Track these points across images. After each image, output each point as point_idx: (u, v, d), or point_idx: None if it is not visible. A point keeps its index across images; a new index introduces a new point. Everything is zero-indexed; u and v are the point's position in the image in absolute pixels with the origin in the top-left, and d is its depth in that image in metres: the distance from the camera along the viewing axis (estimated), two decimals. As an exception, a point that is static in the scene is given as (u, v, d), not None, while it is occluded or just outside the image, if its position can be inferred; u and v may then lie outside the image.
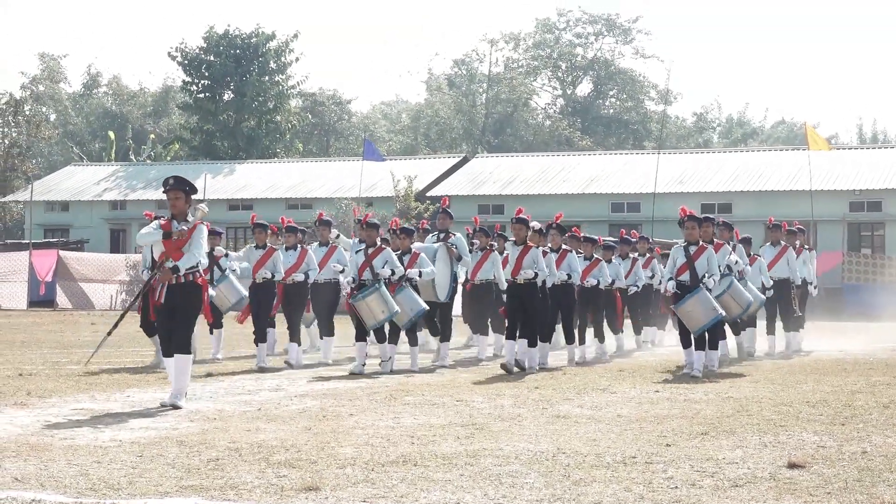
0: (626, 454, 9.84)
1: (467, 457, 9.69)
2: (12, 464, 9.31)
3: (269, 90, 70.85)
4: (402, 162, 59.18)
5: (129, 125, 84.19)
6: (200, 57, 70.39)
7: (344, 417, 12.31)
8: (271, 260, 19.02)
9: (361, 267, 18.13)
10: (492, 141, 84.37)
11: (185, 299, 13.37)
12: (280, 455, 9.77)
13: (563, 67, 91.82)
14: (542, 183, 53.70)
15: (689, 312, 17.36)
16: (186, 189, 13.66)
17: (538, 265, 18.11)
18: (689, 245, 17.72)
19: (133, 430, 11.34)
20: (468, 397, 14.23)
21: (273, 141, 72.33)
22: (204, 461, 9.47)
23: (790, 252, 22.83)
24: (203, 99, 70.74)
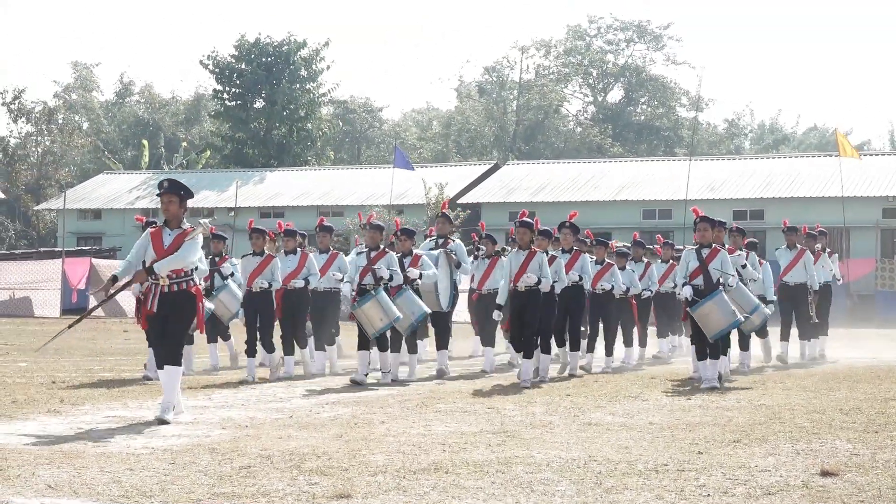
0: (657, 462, 9.80)
1: (499, 464, 9.67)
2: (45, 471, 9.34)
3: (301, 98, 70.98)
4: (433, 169, 59.25)
5: (162, 133, 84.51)
6: (232, 65, 70.61)
7: (375, 425, 12.31)
8: (269, 268, 18.09)
9: (363, 271, 17.50)
10: (523, 148, 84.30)
11: (177, 308, 12.79)
12: (311, 462, 9.77)
13: (594, 74, 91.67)
14: (574, 190, 53.64)
15: (707, 315, 16.59)
16: (181, 193, 13.06)
17: (543, 271, 17.15)
18: (702, 247, 17.02)
19: (165, 437, 11.36)
20: (500, 405, 14.21)
21: (304, 149, 72.46)
22: (236, 468, 9.48)
23: (807, 256, 22.06)
24: (234, 107, 70.94)
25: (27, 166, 57.60)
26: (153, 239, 12.86)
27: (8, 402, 14.11)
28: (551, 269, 17.52)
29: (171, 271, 12.67)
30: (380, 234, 17.74)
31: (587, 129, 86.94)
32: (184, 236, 12.77)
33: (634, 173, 54.95)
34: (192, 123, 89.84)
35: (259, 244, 18.26)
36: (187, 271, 12.83)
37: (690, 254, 17.12)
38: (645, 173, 54.68)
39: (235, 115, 70.64)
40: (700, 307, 16.59)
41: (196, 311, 12.99)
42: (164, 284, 12.70)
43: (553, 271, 17.56)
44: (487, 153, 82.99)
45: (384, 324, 17.23)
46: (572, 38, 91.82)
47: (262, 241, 18.32)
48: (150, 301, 12.76)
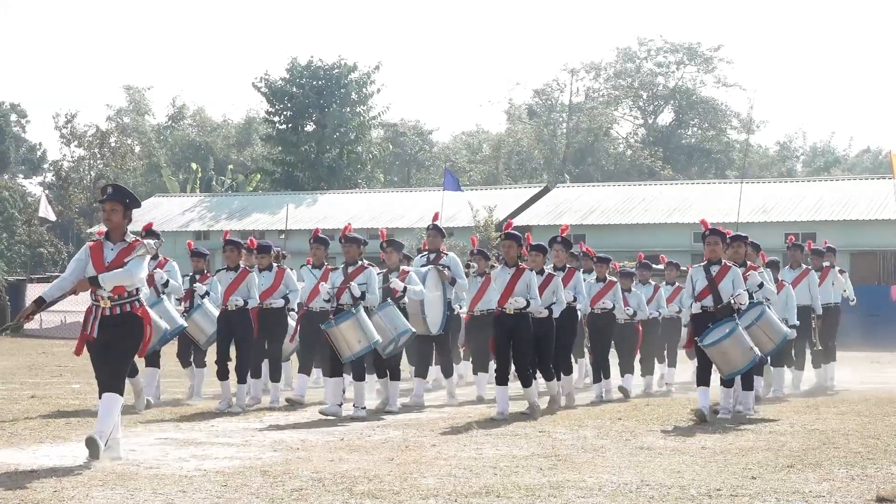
0: (710, 487, 9.75)
1: (550, 488, 9.65)
2: (99, 493, 9.40)
3: (351, 121, 71.13)
4: (483, 192, 59.22)
5: (213, 156, 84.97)
6: (283, 88, 70.87)
7: (426, 448, 12.30)
8: (244, 283, 16.54)
9: (340, 288, 15.74)
10: (572, 171, 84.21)
11: (121, 333, 11.36)
12: (363, 485, 9.78)
13: (644, 97, 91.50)
14: (624, 213, 53.48)
15: (724, 354, 14.86)
16: (126, 201, 11.54)
17: (531, 292, 15.38)
18: (711, 264, 15.23)
19: (217, 459, 11.41)
20: (550, 428, 14.18)
21: (354, 171, 72.58)
22: (288, 491, 9.50)
23: (812, 276, 20.29)
24: (285, 130, 71.17)
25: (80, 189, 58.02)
26: (93, 253, 11.44)
27: (62, 424, 14.21)
28: (549, 288, 16.18)
29: (113, 292, 11.24)
30: (357, 247, 16.01)
31: (637, 151, 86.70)
32: (128, 251, 11.36)
33: (685, 196, 54.75)
34: (244, 146, 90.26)
35: (233, 258, 16.79)
36: (132, 292, 11.40)
37: (698, 271, 15.33)
38: (696, 196, 54.46)
39: (286, 138, 70.87)
40: (716, 344, 14.81)
41: (143, 335, 11.50)
42: (106, 307, 11.34)
43: (550, 291, 16.19)
44: (537, 176, 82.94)
45: (362, 346, 15.39)
46: (622, 60, 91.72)
47: (237, 254, 16.88)
48: (91, 324, 11.39)
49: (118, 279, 11.23)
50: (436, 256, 18.04)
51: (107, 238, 11.52)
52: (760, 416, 15.49)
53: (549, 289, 16.20)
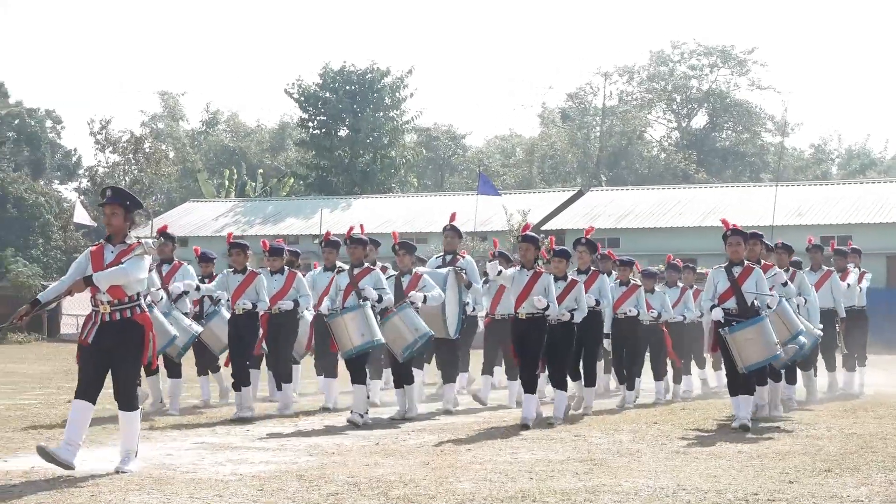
0: (747, 491, 9.71)
1: (586, 493, 9.63)
2: (136, 497, 9.43)
3: (384, 125, 71.21)
4: (517, 196, 59.19)
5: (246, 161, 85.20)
6: (316, 93, 71.02)
7: (461, 452, 12.29)
8: (252, 287, 16.07)
9: (346, 291, 15.34)
10: (606, 174, 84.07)
11: (122, 342, 10.92)
12: (398, 490, 9.77)
13: (678, 100, 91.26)
14: (658, 216, 53.37)
15: (746, 342, 14.28)
16: (127, 204, 11.21)
17: (549, 295, 14.77)
18: (733, 265, 14.70)
19: (253, 464, 11.42)
20: (586, 432, 14.15)
21: (388, 176, 72.67)
22: (324, 495, 9.51)
23: (834, 278, 19.48)
24: (319, 135, 71.33)
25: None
26: (93, 257, 11.07)
27: (98, 429, 14.24)
28: (571, 294, 15.47)
29: (112, 297, 10.81)
30: (363, 249, 15.60)
31: (671, 154, 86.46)
32: (127, 253, 10.97)
33: (719, 199, 54.57)
34: (277, 151, 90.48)
35: (240, 261, 16.28)
36: (132, 297, 10.96)
37: (719, 273, 14.77)
38: (730, 199, 54.26)
39: (320, 142, 71.03)
40: (739, 331, 14.31)
41: (144, 342, 11.04)
42: (105, 312, 10.90)
43: (572, 298, 15.46)
44: (571, 179, 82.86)
45: (364, 341, 14.93)
46: (655, 63, 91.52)
47: (244, 257, 16.33)
48: (87, 331, 10.95)
49: (113, 278, 10.78)
50: (452, 258, 17.51)
51: (108, 241, 11.20)
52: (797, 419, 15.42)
53: (570, 295, 15.51)
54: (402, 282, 16.11)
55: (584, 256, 17.00)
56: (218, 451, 12.42)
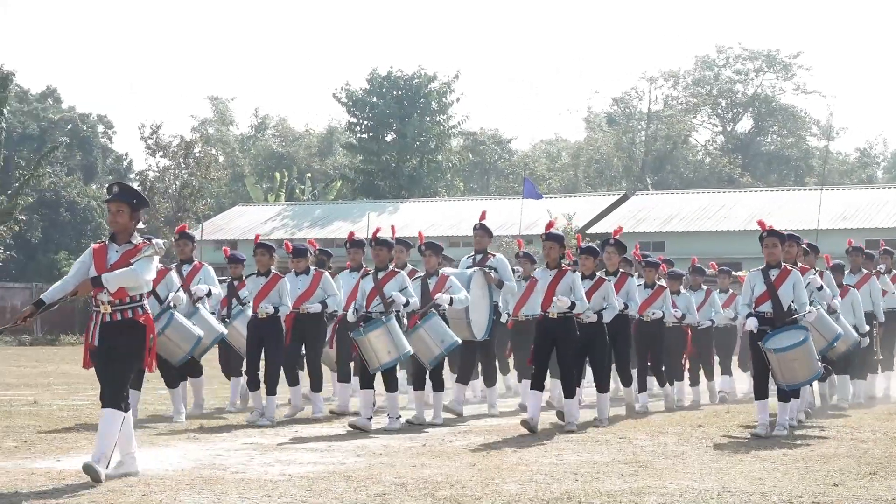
0: (792, 493, 9.66)
1: (631, 494, 9.61)
2: (187, 496, 9.48)
3: (431, 130, 71.30)
4: (562, 199, 59.19)
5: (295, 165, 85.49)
6: (364, 98, 71.21)
7: (507, 454, 12.29)
8: (276, 290, 15.46)
9: (370, 295, 14.75)
10: (651, 178, 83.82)
11: (120, 342, 10.35)
12: (445, 491, 9.78)
13: (723, 104, 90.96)
14: (703, 220, 53.22)
15: (792, 362, 13.56)
16: (133, 202, 10.64)
17: (576, 294, 14.23)
18: (770, 268, 13.97)
19: (302, 464, 11.46)
20: (631, 435, 14.11)
21: (434, 180, 72.78)
22: (371, 496, 9.52)
23: (873, 281, 18.79)
24: (366, 139, 71.54)
25: (165, 199, 58.42)
26: (96, 256, 10.50)
27: (149, 430, 14.35)
28: (598, 293, 14.97)
29: (114, 297, 10.26)
30: (388, 251, 15.07)
31: (716, 159, 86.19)
32: (134, 253, 10.40)
33: (764, 203, 54.33)
34: (326, 155, 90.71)
35: (264, 262, 15.70)
36: (134, 297, 10.39)
37: (756, 276, 14.03)
38: (775, 203, 54.04)
39: (367, 147, 71.22)
40: (786, 351, 13.51)
41: (144, 344, 10.47)
42: (106, 312, 10.36)
43: (600, 296, 14.98)
44: (616, 183, 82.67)
45: (391, 358, 14.42)
46: (701, 68, 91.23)
47: (269, 258, 15.75)
48: (91, 332, 10.46)
49: (123, 279, 10.22)
50: (482, 257, 16.89)
51: (112, 240, 10.64)
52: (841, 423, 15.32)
53: (598, 293, 14.99)
54: (429, 283, 15.60)
55: (613, 258, 16.35)
56: (267, 451, 12.47)
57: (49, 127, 72.54)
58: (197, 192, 59.66)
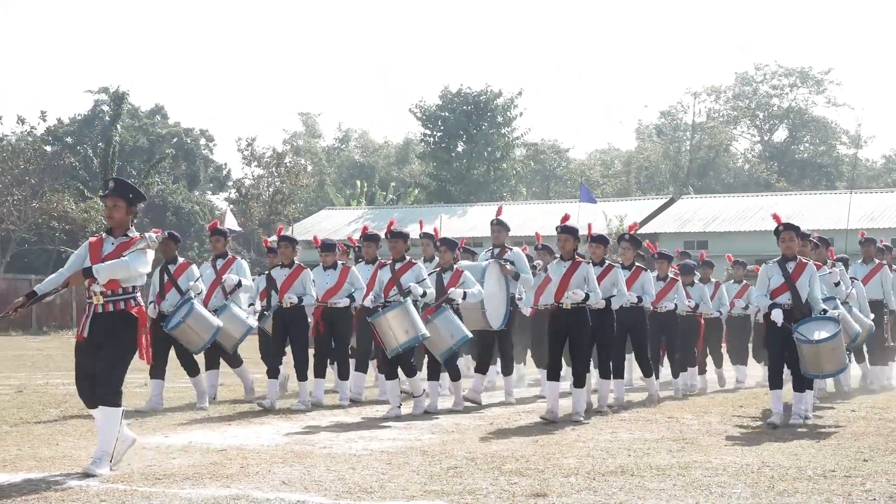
0: (825, 468, 9.56)
1: (679, 468, 9.54)
2: (280, 469, 9.52)
3: (497, 141, 71.32)
4: (615, 203, 58.92)
5: (376, 173, 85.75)
6: (437, 113, 71.38)
7: (567, 431, 12.24)
8: (299, 280, 14.60)
9: (388, 284, 13.86)
10: (696, 183, 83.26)
11: (112, 334, 9.34)
12: (511, 464, 9.76)
13: (761, 116, 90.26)
14: (742, 221, 52.78)
15: (822, 355, 12.36)
16: (129, 196, 9.67)
17: (589, 285, 13.20)
18: (787, 260, 12.81)
19: (382, 440, 11.47)
20: (678, 415, 14.01)
21: (500, 186, 72.76)
22: (444, 469, 9.52)
23: (885, 271, 17.80)
24: (438, 150, 71.70)
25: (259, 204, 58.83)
26: (91, 249, 9.60)
27: (246, 409, 14.44)
28: (608, 280, 13.88)
29: (106, 287, 9.26)
30: (404, 242, 14.08)
31: (754, 166, 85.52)
32: (128, 245, 9.49)
33: (799, 205, 53.83)
34: (402, 164, 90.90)
35: (287, 255, 14.81)
36: (127, 289, 9.40)
37: (773, 268, 12.83)
38: (808, 205, 53.54)
39: (440, 156, 71.39)
40: (821, 344, 12.28)
41: (136, 336, 9.45)
42: (98, 303, 9.36)
43: (610, 283, 13.90)
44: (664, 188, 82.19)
45: (409, 338, 13.34)
46: (740, 84, 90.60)
47: (292, 251, 14.85)
48: (83, 324, 9.46)
49: (113, 270, 9.27)
50: (500, 251, 15.94)
51: (109, 232, 9.69)
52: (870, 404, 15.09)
53: (607, 279, 13.90)
54: (444, 277, 14.61)
55: (628, 252, 15.47)
56: (351, 429, 12.48)
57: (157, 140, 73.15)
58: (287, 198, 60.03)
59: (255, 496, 8.24)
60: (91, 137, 65.83)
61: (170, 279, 14.89)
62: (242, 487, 8.60)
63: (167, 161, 66.87)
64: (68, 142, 62.58)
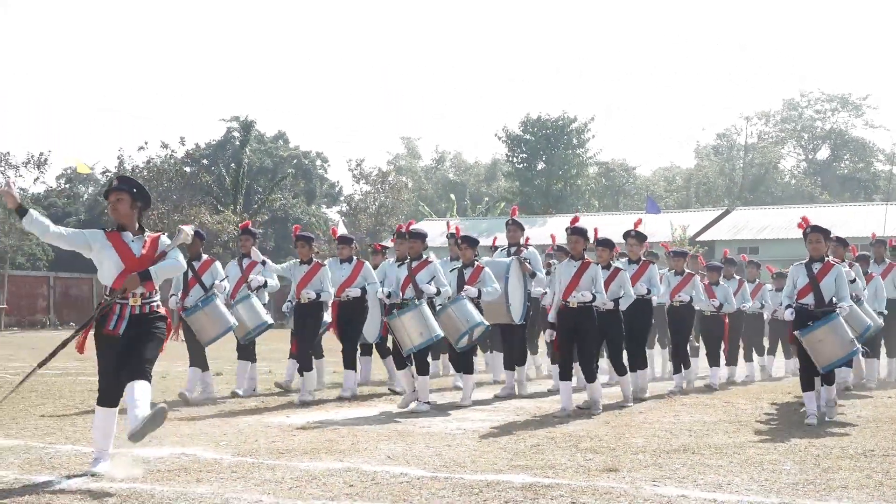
0: (866, 448, 9.38)
1: (735, 447, 9.43)
2: (385, 445, 9.55)
3: (572, 160, 71.10)
4: (677, 214, 58.34)
5: (467, 189, 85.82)
6: (520, 137, 71.35)
7: (635, 414, 12.14)
8: (318, 277, 13.57)
9: (404, 282, 12.72)
10: (748, 196, 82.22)
11: (149, 328, 8.16)
12: (586, 443, 9.71)
13: (806, 137, 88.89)
14: (790, 230, 51.85)
15: (820, 343, 11.10)
16: (133, 191, 8.25)
17: (596, 285, 12.09)
18: (813, 262, 11.57)
19: (473, 421, 11.46)
20: (733, 400, 13.85)
21: (576, 199, 72.49)
22: (528, 446, 9.49)
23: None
24: (522, 168, 71.68)
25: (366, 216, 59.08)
26: (113, 242, 8.19)
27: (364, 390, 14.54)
28: (615, 282, 12.83)
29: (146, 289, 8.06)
30: (421, 242, 12.90)
31: (800, 181, 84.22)
32: (155, 243, 8.31)
33: (840, 215, 52.89)
34: (490, 181, 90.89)
35: (305, 252, 13.76)
36: (154, 290, 8.28)
37: (799, 269, 11.61)
38: (849, 216, 52.57)
39: (523, 174, 71.35)
40: (811, 332, 11.13)
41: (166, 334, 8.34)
42: (136, 305, 8.13)
43: (617, 285, 12.87)
44: (720, 201, 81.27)
45: (423, 339, 12.25)
46: (787, 109, 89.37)
47: (309, 248, 13.80)
48: (116, 322, 8.06)
49: (168, 271, 8.29)
50: (516, 249, 14.93)
51: (120, 230, 8.28)
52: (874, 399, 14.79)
53: (615, 283, 12.92)
54: (465, 273, 13.62)
55: (635, 248, 14.26)
56: (444, 412, 12.49)
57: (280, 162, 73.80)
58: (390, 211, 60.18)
59: (364, 469, 8.27)
60: (224, 159, 66.56)
61: (194, 275, 13.72)
62: (353, 461, 8.64)
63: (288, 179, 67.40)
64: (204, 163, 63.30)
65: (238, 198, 54.81)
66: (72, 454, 9.08)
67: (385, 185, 62.39)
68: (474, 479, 7.82)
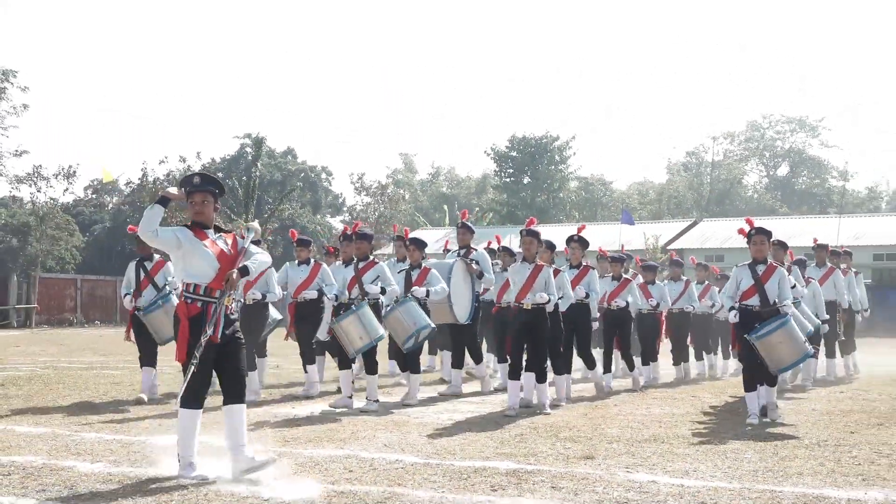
0: (819, 438, 9.39)
1: (701, 437, 9.43)
2: (382, 434, 9.54)
3: (555, 175, 71.23)
4: (650, 224, 58.39)
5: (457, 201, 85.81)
6: (506, 153, 71.52)
7: (610, 407, 12.13)
8: (319, 277, 13.18)
9: (350, 283, 11.86)
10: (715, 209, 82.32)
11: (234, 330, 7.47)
12: (565, 433, 9.70)
13: (767, 155, 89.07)
14: (752, 239, 52.13)
15: (776, 346, 10.34)
16: (217, 192, 7.46)
17: (549, 287, 11.32)
18: (757, 263, 10.88)
19: (462, 413, 11.44)
20: (700, 394, 13.84)
21: (557, 211, 72.59)
22: (513, 436, 9.49)
23: (837, 274, 16.25)
24: (509, 182, 71.83)
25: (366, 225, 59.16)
26: (204, 240, 7.41)
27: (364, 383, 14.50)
28: (556, 283, 11.63)
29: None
30: (367, 244, 12.03)
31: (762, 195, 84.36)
32: (235, 241, 7.59)
33: (797, 227, 52.87)
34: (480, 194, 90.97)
35: (303, 255, 13.27)
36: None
37: (743, 270, 10.88)
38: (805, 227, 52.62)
39: (509, 187, 71.51)
40: (768, 336, 10.35)
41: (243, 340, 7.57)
42: (230, 305, 7.42)
43: (557, 286, 11.68)
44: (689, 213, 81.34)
45: (364, 343, 11.46)
46: (750, 129, 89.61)
47: (307, 250, 13.33)
48: (215, 326, 7.25)
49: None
50: (465, 252, 14.17)
51: (202, 228, 7.45)
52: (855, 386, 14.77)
53: (556, 283, 11.70)
54: (412, 275, 12.82)
55: (577, 253, 13.51)
56: (436, 403, 12.48)
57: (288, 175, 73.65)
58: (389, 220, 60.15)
59: (362, 456, 8.26)
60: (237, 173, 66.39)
61: (146, 276, 12.81)
62: (353, 449, 8.63)
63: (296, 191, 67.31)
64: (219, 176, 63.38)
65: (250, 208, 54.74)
66: (96, 441, 9.06)
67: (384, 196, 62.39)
68: (463, 466, 7.81)
